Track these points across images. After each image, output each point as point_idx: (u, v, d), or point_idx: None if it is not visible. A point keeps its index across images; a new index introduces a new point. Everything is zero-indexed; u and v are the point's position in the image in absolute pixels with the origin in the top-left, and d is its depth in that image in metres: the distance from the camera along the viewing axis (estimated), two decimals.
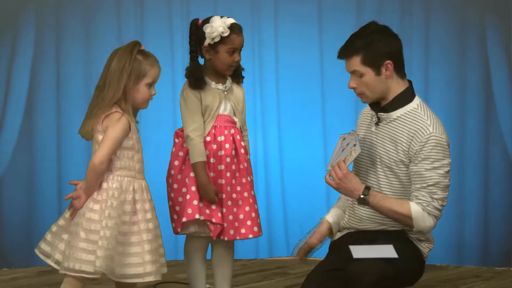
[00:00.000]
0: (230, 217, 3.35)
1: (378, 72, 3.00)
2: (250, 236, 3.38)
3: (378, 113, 3.09)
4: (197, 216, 3.28)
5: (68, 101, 4.69)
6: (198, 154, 3.31)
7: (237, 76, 3.45)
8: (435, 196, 2.97)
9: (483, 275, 4.35)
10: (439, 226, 4.44)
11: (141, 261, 2.92)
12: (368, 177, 3.10)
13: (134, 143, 2.97)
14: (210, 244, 3.49)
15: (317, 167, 4.61)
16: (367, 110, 3.22)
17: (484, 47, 4.62)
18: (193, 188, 3.31)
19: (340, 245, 3.12)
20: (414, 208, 2.98)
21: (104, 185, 2.92)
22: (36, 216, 4.69)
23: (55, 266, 2.96)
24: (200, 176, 3.31)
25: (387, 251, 2.91)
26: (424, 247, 3.11)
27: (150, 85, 2.96)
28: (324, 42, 4.67)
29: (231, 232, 3.35)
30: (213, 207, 3.33)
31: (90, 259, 2.84)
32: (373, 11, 4.68)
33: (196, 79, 3.33)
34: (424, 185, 2.97)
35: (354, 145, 3.00)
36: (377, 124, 3.10)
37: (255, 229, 3.38)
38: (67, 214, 2.99)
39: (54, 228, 2.98)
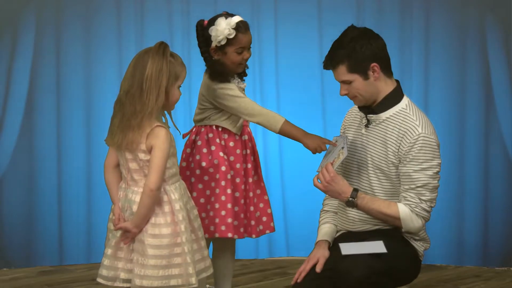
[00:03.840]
0: (241, 215, 3.35)
1: (366, 77, 3.01)
2: (267, 232, 3.41)
3: (368, 115, 3.09)
4: (230, 235, 3.29)
5: (68, 101, 4.69)
6: (275, 117, 3.27)
7: (241, 72, 3.44)
8: (423, 198, 2.97)
9: (483, 275, 4.36)
10: (439, 226, 4.49)
11: (206, 255, 2.96)
12: (360, 179, 3.10)
13: (174, 149, 2.89)
14: (211, 243, 3.50)
15: (317, 167, 4.60)
16: (355, 110, 3.22)
17: (484, 47, 4.62)
18: (229, 206, 3.29)
19: (334, 245, 3.12)
20: (402, 210, 2.98)
21: (165, 197, 2.83)
22: (36, 216, 4.69)
23: (125, 285, 2.88)
24: (297, 132, 3.26)
25: (376, 247, 2.92)
26: (419, 246, 3.11)
27: (179, 87, 2.87)
28: (324, 42, 4.67)
29: (259, 228, 3.40)
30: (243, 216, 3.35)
31: (172, 273, 2.80)
32: (373, 11, 4.68)
33: (222, 73, 3.27)
34: (413, 186, 2.97)
35: (342, 147, 3.01)
36: (366, 126, 3.10)
37: (259, 228, 3.40)
38: (114, 232, 2.89)
39: (109, 251, 2.89)
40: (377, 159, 3.05)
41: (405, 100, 3.07)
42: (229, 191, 3.28)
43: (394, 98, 3.05)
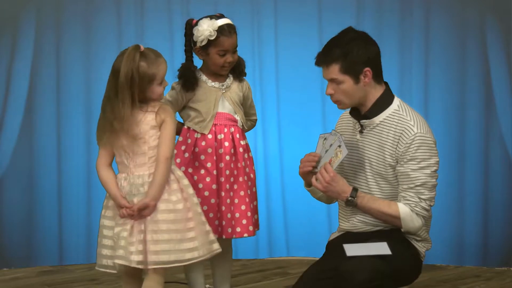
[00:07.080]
0: (229, 215, 3.34)
1: (357, 80, 3.00)
2: (245, 235, 3.36)
3: (361, 121, 3.08)
4: None
5: (68, 101, 4.70)
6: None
7: (237, 73, 3.43)
8: (423, 197, 2.97)
9: (483, 275, 4.35)
10: (439, 226, 4.48)
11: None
12: (358, 185, 3.09)
13: None
14: None
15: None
16: (346, 116, 3.21)
17: (484, 47, 4.62)
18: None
19: (335, 245, 3.12)
20: (402, 209, 2.98)
21: (171, 176, 2.96)
22: (36, 216, 4.69)
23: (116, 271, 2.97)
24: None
25: (380, 248, 2.91)
26: (421, 247, 3.10)
27: (161, 82, 2.99)
28: (324, 42, 4.62)
29: (229, 230, 3.34)
30: (211, 215, 3.32)
31: (186, 247, 2.91)
32: (373, 11, 4.68)
33: (186, 80, 3.34)
34: (412, 185, 2.97)
35: (339, 146, 2.99)
36: (361, 132, 3.10)
37: (250, 228, 3.37)
38: (105, 222, 3.00)
39: (108, 242, 2.98)
40: (376, 164, 3.05)
41: (396, 101, 3.07)
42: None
43: (385, 101, 3.05)
